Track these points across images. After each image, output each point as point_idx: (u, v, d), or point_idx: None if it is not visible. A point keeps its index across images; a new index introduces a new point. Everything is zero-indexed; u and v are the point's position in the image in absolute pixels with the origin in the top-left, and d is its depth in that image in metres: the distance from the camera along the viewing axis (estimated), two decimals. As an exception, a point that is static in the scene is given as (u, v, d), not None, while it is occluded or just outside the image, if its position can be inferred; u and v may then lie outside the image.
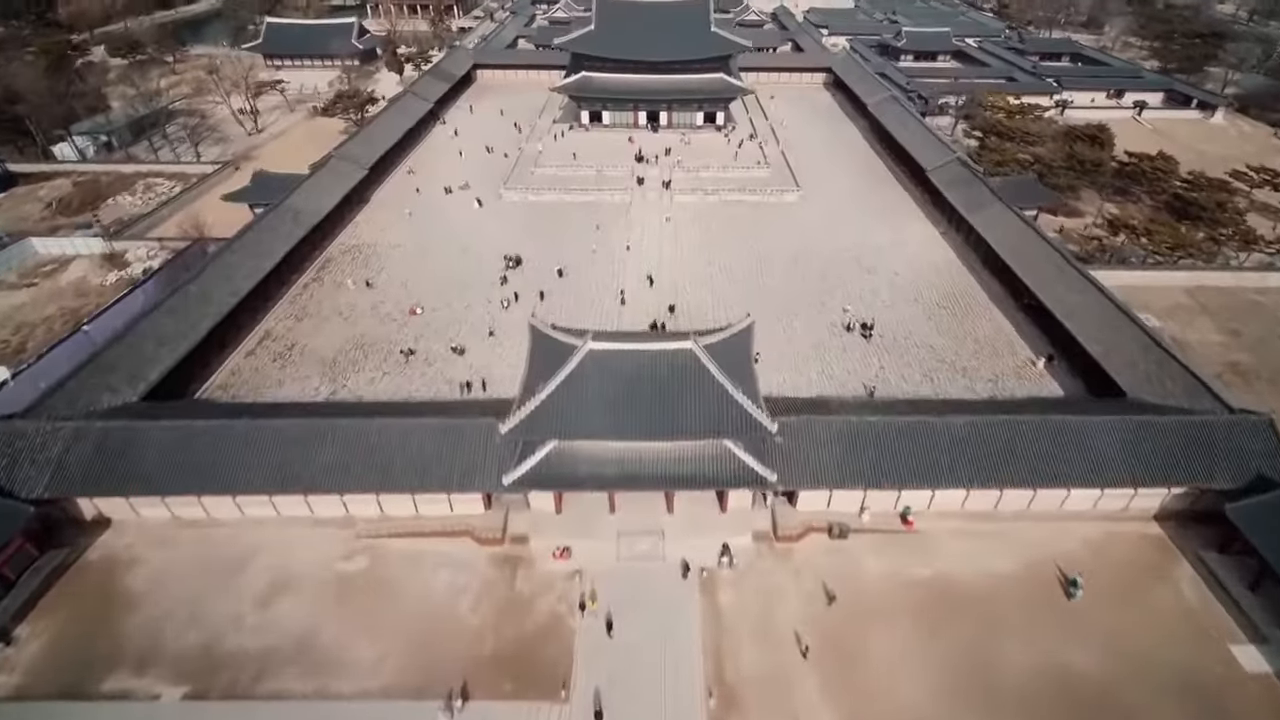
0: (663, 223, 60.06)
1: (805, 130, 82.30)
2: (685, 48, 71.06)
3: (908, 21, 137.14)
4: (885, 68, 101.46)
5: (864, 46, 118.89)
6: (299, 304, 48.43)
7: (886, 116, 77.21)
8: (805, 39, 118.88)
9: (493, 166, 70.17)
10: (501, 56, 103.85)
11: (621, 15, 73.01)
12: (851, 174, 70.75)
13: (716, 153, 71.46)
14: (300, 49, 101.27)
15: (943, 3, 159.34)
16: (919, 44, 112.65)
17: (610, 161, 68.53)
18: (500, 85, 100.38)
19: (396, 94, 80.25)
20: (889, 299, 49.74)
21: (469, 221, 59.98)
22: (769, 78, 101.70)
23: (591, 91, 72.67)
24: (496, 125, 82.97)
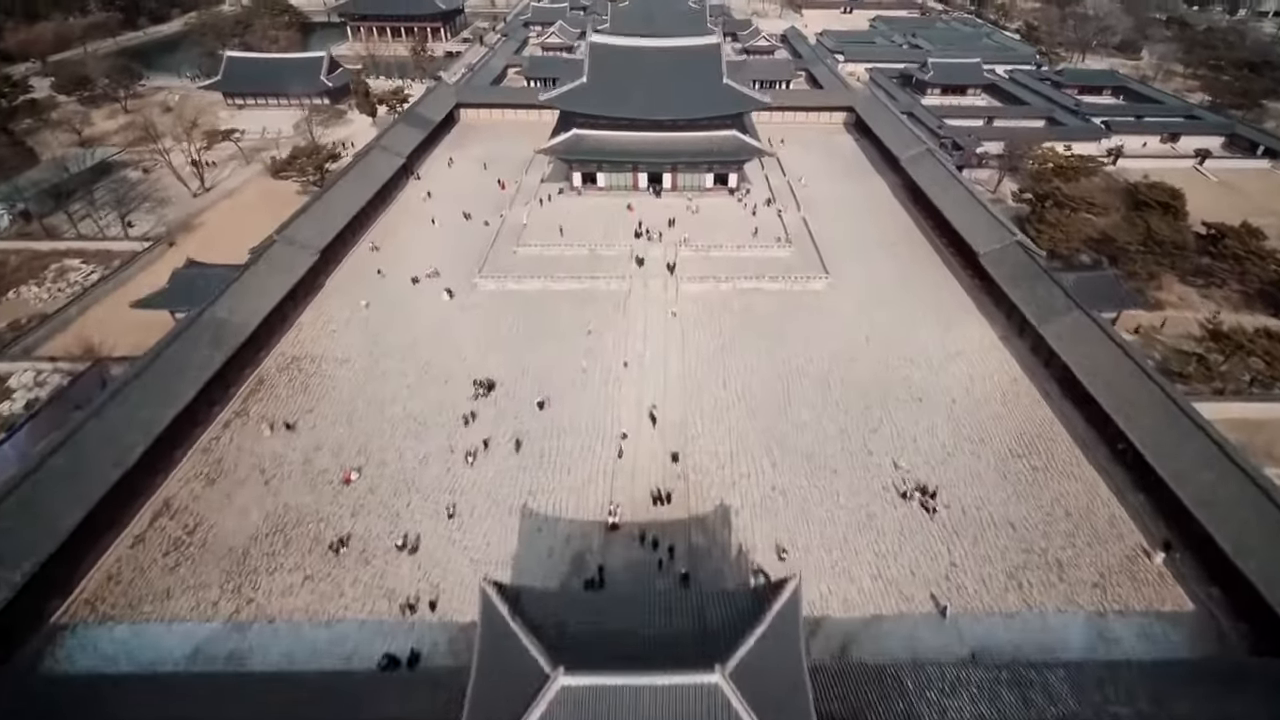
0: (667, 320, 50.90)
1: (828, 188, 73.12)
2: (693, 104, 61.92)
3: (929, 46, 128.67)
4: (912, 106, 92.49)
5: (885, 79, 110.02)
6: (213, 455, 39.16)
7: (923, 176, 68.08)
8: (821, 69, 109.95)
9: (469, 239, 61.05)
10: (487, 95, 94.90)
11: (618, 64, 63.96)
12: (886, 250, 61.51)
13: (729, 224, 62.29)
14: (263, 86, 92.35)
15: (964, 23, 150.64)
16: (947, 76, 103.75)
17: (605, 238, 59.35)
18: (485, 127, 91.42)
19: (364, 147, 71.20)
20: (949, 442, 40.48)
21: (436, 321, 50.77)
22: (783, 117, 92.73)
23: (584, 154, 63.58)
24: (477, 182, 73.91)
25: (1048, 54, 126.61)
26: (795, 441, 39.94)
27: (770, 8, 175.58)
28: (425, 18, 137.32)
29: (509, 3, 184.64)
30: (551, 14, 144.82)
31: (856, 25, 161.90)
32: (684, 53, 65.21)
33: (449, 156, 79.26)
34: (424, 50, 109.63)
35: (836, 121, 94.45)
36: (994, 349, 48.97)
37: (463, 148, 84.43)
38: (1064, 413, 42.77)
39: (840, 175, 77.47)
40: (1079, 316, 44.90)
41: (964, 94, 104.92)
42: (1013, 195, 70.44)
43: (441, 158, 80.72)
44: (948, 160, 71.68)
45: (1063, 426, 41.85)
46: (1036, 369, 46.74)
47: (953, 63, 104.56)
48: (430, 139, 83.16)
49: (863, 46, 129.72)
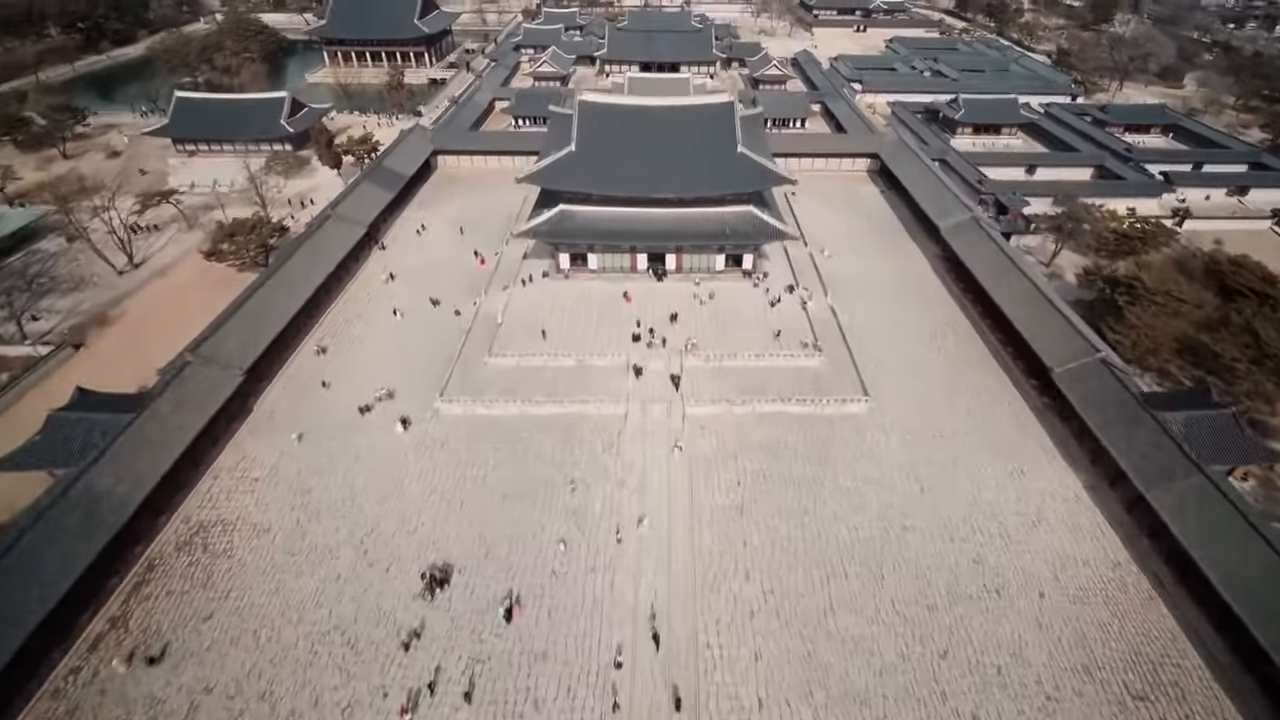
0: (671, 460, 41.54)
1: (857, 262, 63.63)
2: (702, 178, 52.41)
3: (953, 73, 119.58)
4: (945, 152, 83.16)
5: (909, 114, 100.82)
6: (66, 703, 29.68)
7: (971, 254, 58.69)
8: (840, 105, 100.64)
9: (435, 338, 51.74)
10: (467, 140, 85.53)
11: (613, 129, 54.39)
12: (933, 349, 51.99)
13: (745, 318, 52.79)
14: (217, 131, 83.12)
15: (988, 45, 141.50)
16: (980, 115, 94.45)
17: (596, 340, 49.91)
18: (465, 178, 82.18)
19: (319, 215, 61.88)
20: (1043, 669, 30.91)
21: (384, 465, 41.29)
22: (800, 164, 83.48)
23: (572, 236, 54.21)
24: (451, 253, 64.55)
25: (1083, 83, 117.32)
26: (842, 676, 30.40)
27: (779, 25, 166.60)
28: (407, 42, 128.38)
29: (500, 20, 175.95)
30: (544, 36, 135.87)
31: (871, 45, 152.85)
32: (691, 116, 55.51)
33: (420, 223, 69.60)
34: (401, 84, 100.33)
35: (860, 169, 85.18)
36: (1082, 509, 39.42)
37: (437, 205, 75.14)
38: (1187, 619, 33.25)
39: (869, 243, 68.01)
40: (1199, 482, 35.46)
41: (998, 133, 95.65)
42: (1077, 277, 60.69)
43: (412, 220, 71.30)
44: (995, 229, 62.38)
45: (1189, 642, 32.35)
46: (1139, 540, 37.24)
47: (986, 100, 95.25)
48: (401, 196, 74.02)
49: (882, 75, 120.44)
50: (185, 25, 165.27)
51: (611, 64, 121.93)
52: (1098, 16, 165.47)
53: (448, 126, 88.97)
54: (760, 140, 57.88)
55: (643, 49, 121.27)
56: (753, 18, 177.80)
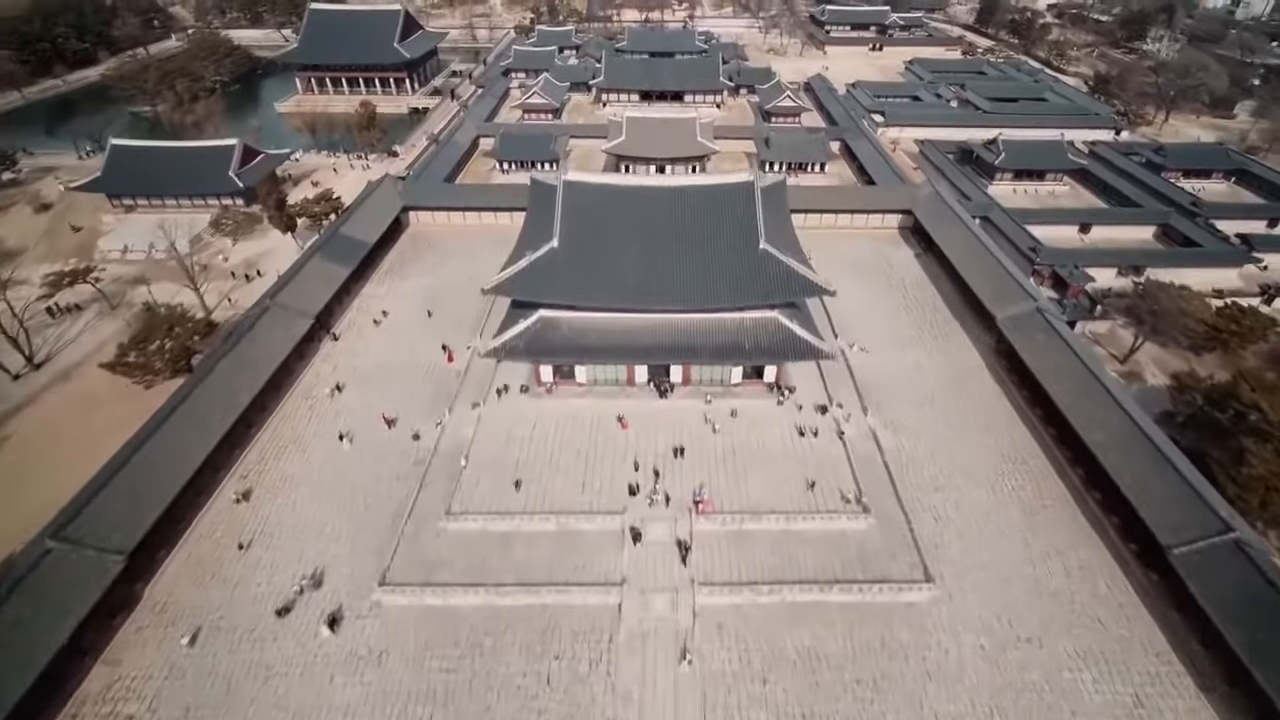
0: (680, 678, 31.86)
1: (897, 358, 53.85)
2: (715, 284, 42.24)
3: (984, 102, 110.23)
4: (988, 209, 73.57)
5: (939, 154, 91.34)
6: None
7: (1038, 358, 48.81)
8: (862, 145, 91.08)
9: (386, 476, 42.11)
10: (443, 194, 75.55)
11: (605, 216, 44.35)
12: (1005, 503, 41.60)
13: (770, 452, 42.87)
14: (158, 184, 73.66)
15: (1015, 67, 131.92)
16: (1022, 159, 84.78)
17: (584, 489, 40.08)
18: (440, 238, 72.56)
19: (255, 305, 52.22)
20: None
21: (295, 696, 31.49)
22: (821, 220, 74.00)
23: (554, 351, 44.35)
24: (417, 346, 54.91)
25: (1127, 114, 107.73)
26: None
27: (789, 44, 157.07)
28: (387, 68, 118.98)
29: (492, 36, 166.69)
30: (536, 59, 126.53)
31: (888, 65, 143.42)
32: (701, 200, 45.14)
33: (381, 308, 59.72)
34: (372, 123, 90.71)
35: (890, 225, 75.52)
36: (1232, 770, 29.79)
37: (405, 276, 65.52)
38: None
39: (909, 330, 58.19)
40: None
41: (1042, 179, 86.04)
42: (1169, 389, 50.56)
43: (373, 298, 61.63)
44: (1062, 321, 52.70)
45: None
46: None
47: (1030, 142, 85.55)
48: (364, 265, 64.49)
49: (905, 106, 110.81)
50: (154, 43, 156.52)
51: (609, 92, 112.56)
52: (1130, 34, 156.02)
53: (421, 177, 79.23)
54: (786, 229, 47.98)
55: (643, 76, 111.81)
56: (761, 34, 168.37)
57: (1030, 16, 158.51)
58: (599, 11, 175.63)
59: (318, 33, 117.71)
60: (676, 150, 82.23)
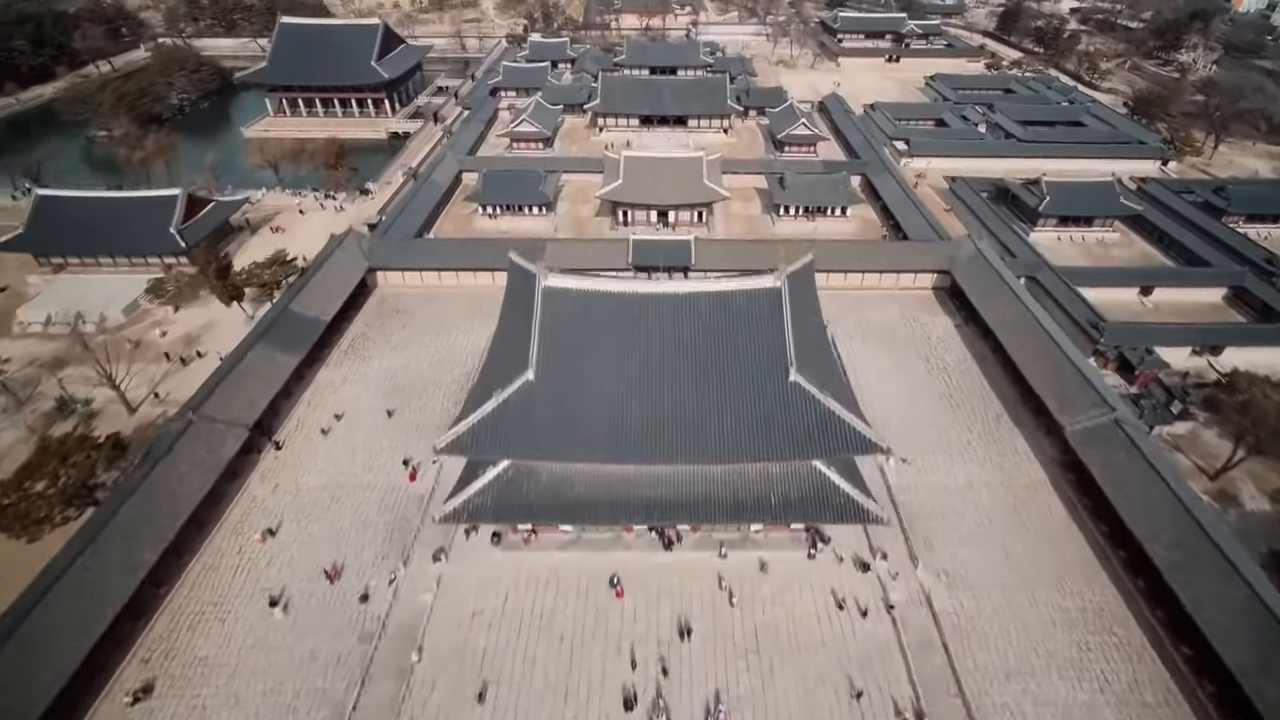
0: None
1: (946, 477, 45.37)
2: (733, 432, 33.15)
3: (1015, 126, 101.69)
4: (1036, 268, 64.88)
5: (972, 193, 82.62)
6: None
7: (1120, 490, 40.54)
8: (886, 181, 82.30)
9: (322, 657, 33.94)
10: (414, 251, 66.53)
11: (595, 336, 35.49)
12: (1096, 703, 33.17)
13: (802, 639, 34.16)
14: (90, 242, 65.11)
15: (1046, 83, 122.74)
16: (1069, 205, 75.81)
17: (565, 707, 31.90)
18: (410, 303, 64.08)
19: (177, 416, 43.80)
20: None
21: None
22: (846, 280, 65.52)
23: (528, 510, 35.55)
24: (373, 460, 46.51)
25: (1173, 141, 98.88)
26: None
27: (799, 55, 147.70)
28: (364, 88, 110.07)
29: (482, 45, 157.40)
30: (526, 77, 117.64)
31: (906, 79, 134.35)
32: (715, 310, 36.27)
33: (334, 410, 51.25)
34: (339, 162, 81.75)
35: (924, 285, 67.04)
36: None
37: (367, 357, 57.07)
38: None
39: (956, 432, 49.55)
40: None
41: (1089, 225, 77.39)
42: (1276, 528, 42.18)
43: (326, 390, 53.17)
44: (1143, 435, 44.33)
45: None
46: None
47: (1077, 185, 76.68)
48: (320, 345, 56.10)
49: (930, 134, 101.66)
50: (122, 54, 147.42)
51: (606, 116, 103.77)
52: (1164, 43, 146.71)
53: (394, 228, 70.56)
54: (818, 339, 39.30)
55: (643, 99, 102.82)
56: (768, 42, 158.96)
57: (1058, 25, 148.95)
58: (596, 18, 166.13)
59: (288, 50, 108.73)
60: (681, 195, 73.60)
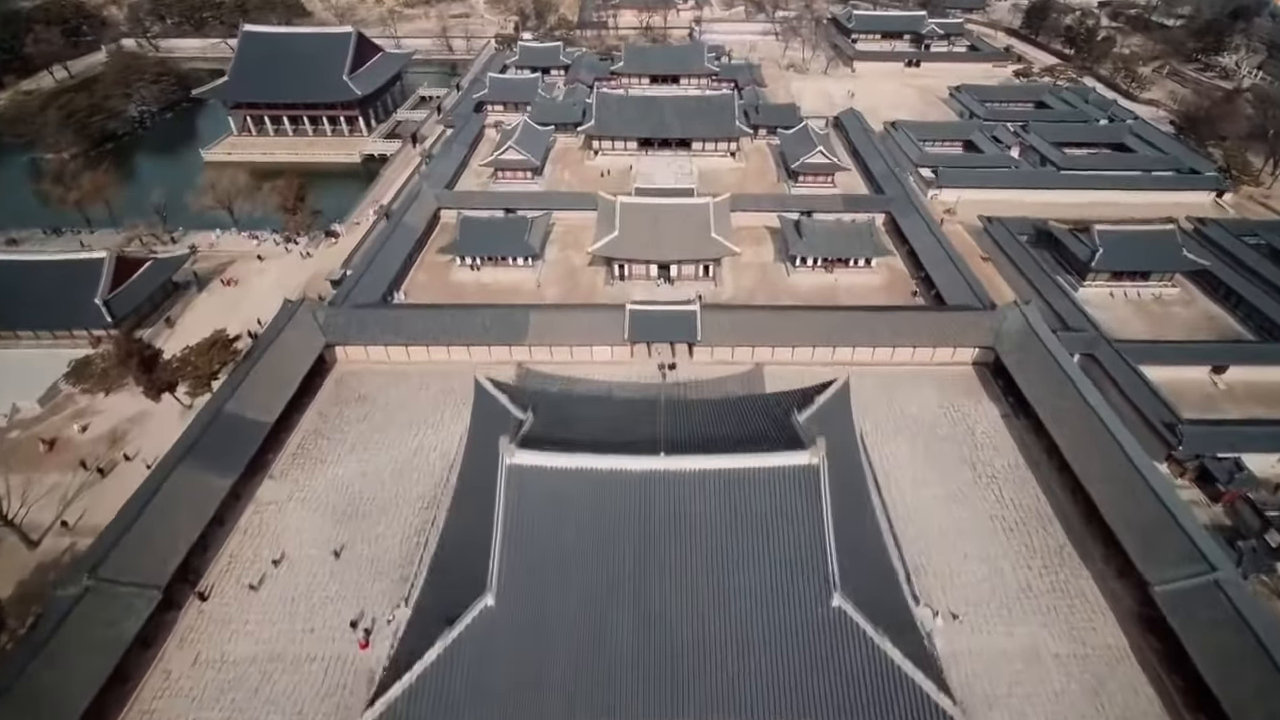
0: None
1: (1005, 641, 37.69)
2: (763, 674, 25.74)
3: (1052, 149, 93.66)
4: (1093, 343, 56.87)
5: (1009, 236, 74.16)
6: None
7: (1228, 682, 33.17)
8: (913, 223, 73.85)
9: None
10: (380, 324, 58.00)
11: (575, 537, 27.28)
12: None
13: None
14: (3, 313, 57.04)
15: (1085, 97, 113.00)
16: (1125, 259, 67.20)
17: None
18: (376, 385, 56.12)
19: (67, 583, 36.04)
20: None
21: None
22: (875, 354, 57.59)
23: None
24: (318, 616, 39.00)
25: (1229, 170, 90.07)
26: None
27: (811, 58, 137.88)
28: (336, 105, 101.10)
29: (470, 47, 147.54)
30: (515, 90, 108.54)
31: (928, 87, 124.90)
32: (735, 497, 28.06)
33: (272, 552, 43.24)
34: (298, 205, 73.00)
35: (963, 360, 59.05)
36: None
37: (317, 465, 49.13)
38: None
39: (1015, 574, 41.66)
40: None
41: (1145, 279, 69.16)
42: None
43: (269, 512, 45.44)
44: (1252, 602, 36.73)
45: None
46: None
47: (1134, 235, 68.23)
48: (263, 450, 48.34)
49: (960, 161, 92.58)
50: (83, 57, 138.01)
51: (602, 139, 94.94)
52: (1205, 45, 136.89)
53: (358, 288, 62.27)
54: (867, 534, 31.75)
55: (642, 120, 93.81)
56: (777, 42, 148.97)
57: (1092, 27, 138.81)
58: (593, 17, 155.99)
59: (252, 62, 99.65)
60: (684, 249, 65.36)
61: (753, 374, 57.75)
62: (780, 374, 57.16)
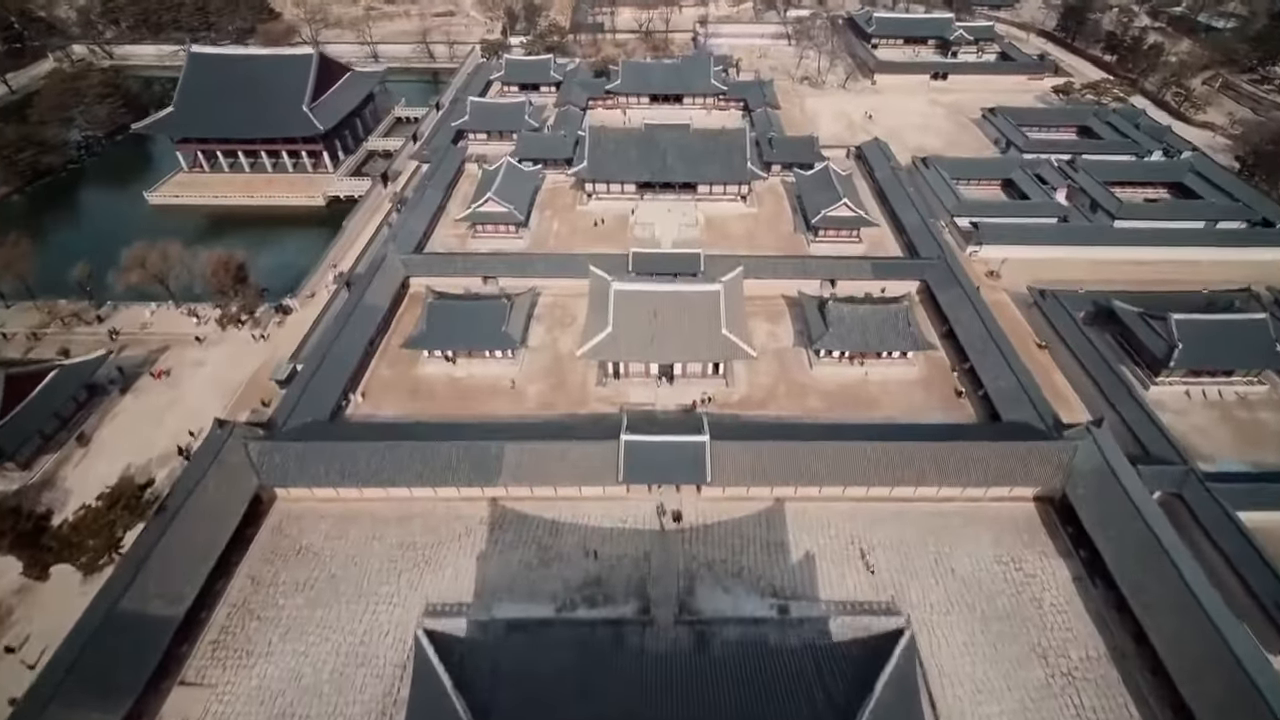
0: None
1: None
2: None
3: (1104, 194, 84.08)
4: (1182, 482, 47.93)
5: (1065, 313, 64.74)
6: None
7: None
8: (953, 296, 64.48)
9: None
10: (324, 460, 47.92)
11: None
12: None
13: None
14: None
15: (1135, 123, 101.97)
16: (1204, 352, 57.94)
17: None
18: (322, 537, 47.36)
19: None
20: None
21: None
22: (916, 491, 48.67)
23: None
24: None
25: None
26: None
27: (827, 68, 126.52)
28: (296, 140, 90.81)
29: (453, 53, 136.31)
30: (498, 117, 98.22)
31: (959, 105, 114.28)
32: None
33: None
34: (239, 286, 63.18)
35: (1023, 496, 50.15)
36: None
37: (242, 659, 40.51)
38: None
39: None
40: None
41: (1230, 375, 59.98)
42: None
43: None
44: None
45: None
46: None
47: (1218, 324, 58.85)
48: (179, 638, 39.81)
49: (1001, 212, 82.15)
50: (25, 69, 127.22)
51: (596, 183, 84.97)
52: (1263, 54, 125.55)
53: (305, 398, 53.33)
54: None
55: (641, 162, 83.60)
56: (789, 47, 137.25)
57: (1139, 35, 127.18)
58: (588, 19, 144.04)
59: (199, 90, 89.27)
60: (690, 349, 56.07)
61: (773, 513, 48.99)
62: (804, 513, 48.84)
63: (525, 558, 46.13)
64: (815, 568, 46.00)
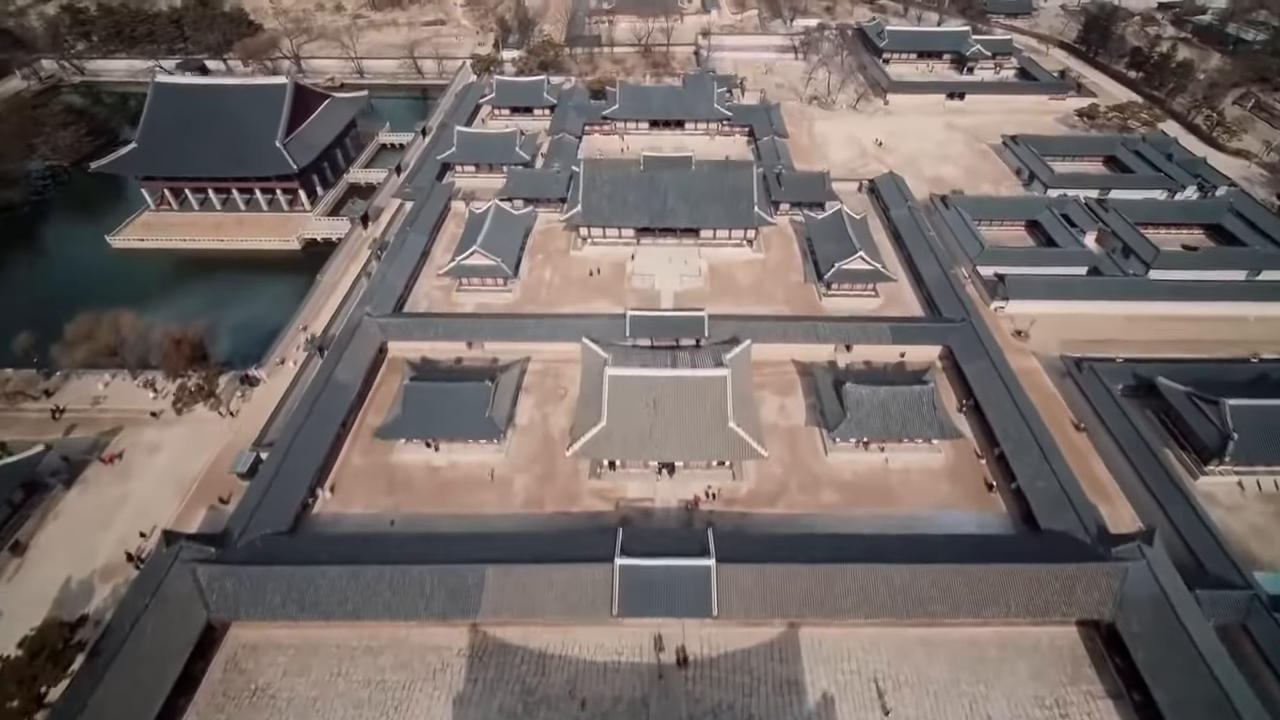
0: None
1: None
2: None
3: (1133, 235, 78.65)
4: (1244, 610, 42.91)
5: (1102, 389, 59.41)
6: None
7: None
8: (981, 367, 59.30)
9: None
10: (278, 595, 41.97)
11: None
12: None
13: None
14: None
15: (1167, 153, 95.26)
16: (1262, 440, 52.90)
17: None
18: (278, 666, 42.51)
19: None
20: None
21: None
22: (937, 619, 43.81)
23: None
24: None
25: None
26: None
27: (837, 87, 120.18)
28: (270, 178, 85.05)
29: (443, 69, 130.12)
30: (486, 149, 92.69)
31: (977, 129, 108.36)
32: None
33: None
34: (192, 365, 57.55)
35: (1067, 622, 44.98)
36: None
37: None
38: None
39: None
40: None
41: (1285, 463, 54.98)
42: None
43: None
44: None
45: None
46: None
47: (1277, 413, 53.76)
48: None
49: (1028, 260, 76.35)
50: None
51: (592, 227, 79.50)
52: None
53: (271, 495, 48.31)
54: None
55: (640, 205, 78.07)
56: (796, 62, 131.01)
57: (1166, 52, 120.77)
58: (584, 32, 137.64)
59: (164, 123, 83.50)
60: (693, 446, 50.56)
61: (785, 643, 43.96)
62: (821, 642, 43.86)
63: (507, 703, 41.23)
64: (834, 713, 41.14)
